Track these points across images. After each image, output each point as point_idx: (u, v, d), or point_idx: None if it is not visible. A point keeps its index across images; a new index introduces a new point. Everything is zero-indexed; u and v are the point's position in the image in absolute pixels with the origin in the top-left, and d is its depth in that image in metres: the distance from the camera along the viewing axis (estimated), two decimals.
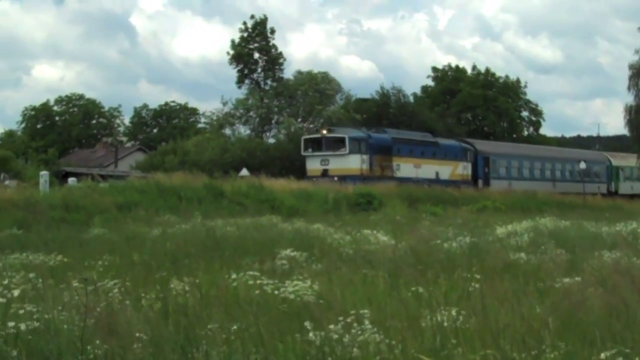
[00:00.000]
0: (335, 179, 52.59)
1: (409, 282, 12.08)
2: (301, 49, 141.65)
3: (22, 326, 8.01)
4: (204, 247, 17.99)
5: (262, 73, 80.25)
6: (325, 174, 55.59)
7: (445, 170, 63.75)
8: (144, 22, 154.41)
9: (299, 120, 78.10)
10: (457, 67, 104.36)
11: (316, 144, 58.60)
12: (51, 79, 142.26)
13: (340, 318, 8.62)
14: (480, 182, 66.01)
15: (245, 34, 79.45)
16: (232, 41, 79.70)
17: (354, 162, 56.73)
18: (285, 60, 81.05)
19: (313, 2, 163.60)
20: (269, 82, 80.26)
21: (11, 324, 7.99)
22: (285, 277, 12.05)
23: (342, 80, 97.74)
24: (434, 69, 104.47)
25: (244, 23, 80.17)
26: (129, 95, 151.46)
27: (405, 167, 60.38)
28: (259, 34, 79.44)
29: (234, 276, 11.85)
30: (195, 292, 10.80)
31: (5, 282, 10.15)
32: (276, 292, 10.68)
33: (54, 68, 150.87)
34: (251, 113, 77.20)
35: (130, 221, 29.32)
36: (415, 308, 10.10)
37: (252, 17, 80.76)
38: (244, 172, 48.87)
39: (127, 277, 11.86)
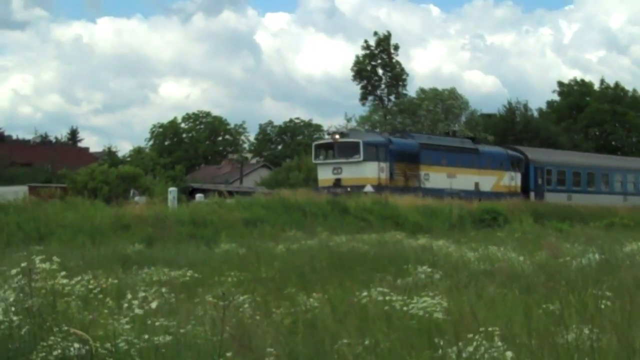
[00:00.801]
0: (349, 189, 47.67)
1: (539, 299, 11.91)
2: (424, 65, 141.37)
3: (157, 339, 8.17)
4: (331, 263, 18.06)
5: (386, 89, 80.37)
6: (337, 184, 49.75)
7: (488, 180, 57.60)
8: (268, 40, 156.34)
9: None
10: (583, 81, 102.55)
11: (328, 151, 52.70)
12: (177, 96, 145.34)
13: (470, 335, 8.55)
14: (532, 194, 59.81)
15: (369, 51, 79.73)
16: (357, 57, 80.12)
17: (370, 171, 50.31)
18: (407, 75, 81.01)
19: (436, 17, 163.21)
20: (392, 98, 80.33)
21: (145, 336, 8.14)
22: (413, 293, 12.00)
23: (466, 95, 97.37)
24: (560, 84, 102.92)
25: (366, 41, 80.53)
26: (253, 112, 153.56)
27: (436, 177, 54.26)
28: (382, 51, 79.61)
29: (363, 292, 11.87)
30: (325, 308, 10.85)
31: (140, 295, 10.38)
32: (405, 308, 10.65)
33: (180, 86, 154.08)
34: (375, 129, 77.62)
35: (256, 237, 29.66)
36: (547, 325, 9.94)
37: (376, 33, 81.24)
38: (369, 188, 48.92)
39: (257, 293, 11.99)
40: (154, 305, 8.20)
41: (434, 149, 54.90)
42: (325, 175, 51.42)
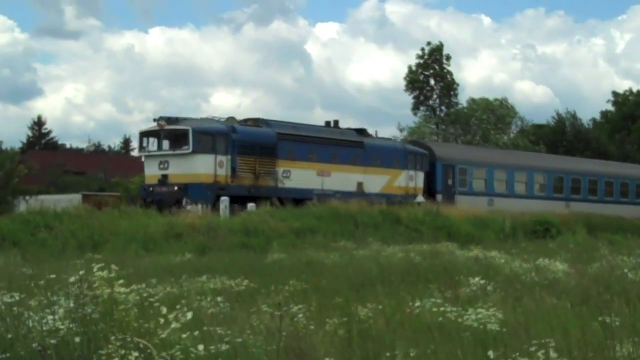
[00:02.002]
0: (176, 188, 40.15)
1: (594, 312, 11.81)
2: (475, 75, 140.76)
3: (212, 348, 8.21)
4: (383, 274, 18.05)
5: (438, 99, 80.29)
6: (164, 181, 40.80)
7: (376, 180, 48.30)
8: (319, 50, 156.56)
9: None
10: (638, 91, 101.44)
11: (155, 140, 42.64)
12: (229, 105, 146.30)
13: (525, 346, 8.51)
14: (439, 197, 51.38)
15: (422, 61, 79.72)
16: (409, 67, 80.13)
17: (203, 166, 41.07)
18: (458, 85, 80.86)
19: (487, 27, 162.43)
20: (443, 108, 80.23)
21: (200, 347, 8.17)
22: (467, 304, 11.97)
23: (517, 105, 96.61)
24: (615, 94, 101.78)
25: (422, 49, 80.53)
26: (304, 121, 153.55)
27: (300, 175, 44.72)
28: (435, 61, 79.55)
29: (417, 303, 11.86)
30: (379, 318, 10.85)
31: (196, 304, 10.47)
32: (459, 319, 10.63)
33: (231, 95, 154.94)
34: (426, 139, 77.62)
35: (307, 246, 29.73)
36: (602, 338, 9.86)
37: (429, 43, 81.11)
38: (420, 198, 48.86)
39: (311, 302, 12.01)
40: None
41: (299, 141, 45.21)
42: (151, 170, 42.17)
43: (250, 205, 39.88)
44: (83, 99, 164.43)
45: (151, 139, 42.53)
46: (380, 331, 10.11)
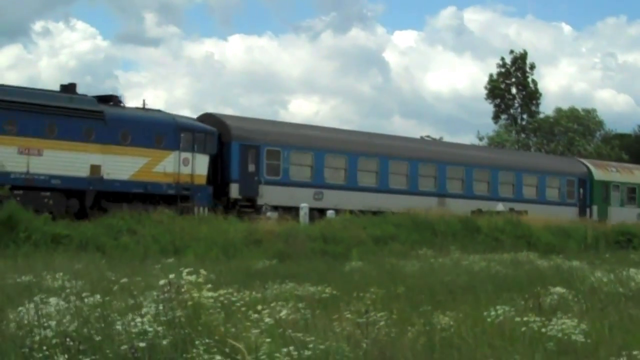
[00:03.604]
0: None
1: None
2: (554, 83, 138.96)
3: (295, 354, 8.27)
4: (463, 282, 17.99)
5: (519, 108, 79.71)
6: None
7: (124, 163, 36.59)
8: (397, 58, 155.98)
9: None
10: None
11: None
12: (307, 113, 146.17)
13: (612, 358, 8.43)
14: (234, 187, 40.41)
15: (504, 69, 79.24)
16: (491, 76, 79.68)
17: None
18: (541, 95, 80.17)
19: (567, 36, 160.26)
20: (524, 117, 79.60)
21: (284, 350, 8.24)
22: (551, 314, 11.88)
23: (598, 114, 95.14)
24: None
25: (502, 58, 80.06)
26: (382, 129, 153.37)
27: None
28: (517, 69, 78.99)
29: (499, 312, 11.81)
30: (461, 327, 10.83)
31: (279, 310, 10.54)
32: (543, 329, 10.56)
33: (309, 102, 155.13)
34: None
35: (387, 254, 29.72)
36: None
37: (512, 52, 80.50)
38: (500, 207, 48.42)
39: (393, 310, 12.03)
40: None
41: None
42: None
43: (330, 212, 40.02)
44: (163, 105, 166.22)
45: None
46: (462, 340, 10.09)
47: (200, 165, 38.87)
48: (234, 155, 40.91)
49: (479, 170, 51.95)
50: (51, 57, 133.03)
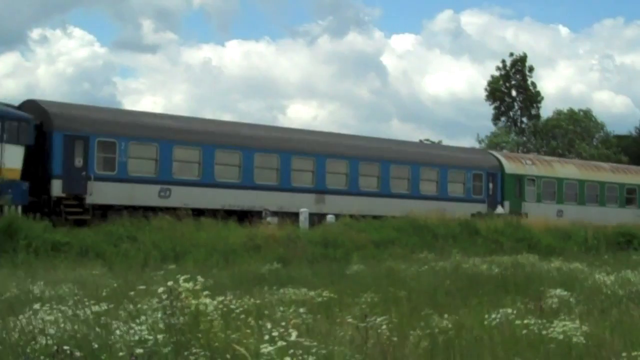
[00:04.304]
0: None
1: None
2: (552, 85, 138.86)
3: None
4: (464, 285, 17.98)
5: (519, 111, 79.87)
6: None
7: None
8: (395, 62, 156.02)
9: None
10: None
11: None
12: (305, 117, 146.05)
13: None
14: (56, 184, 34.99)
15: (504, 72, 79.43)
16: (491, 78, 79.91)
17: None
18: (543, 98, 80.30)
19: (564, 38, 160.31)
20: (524, 119, 79.74)
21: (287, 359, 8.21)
22: (551, 317, 11.86)
23: (596, 116, 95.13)
24: None
25: (503, 61, 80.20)
26: (381, 133, 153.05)
27: None
28: (517, 72, 79.15)
29: (498, 315, 11.80)
30: (461, 330, 10.82)
31: (279, 315, 10.54)
32: (543, 332, 10.54)
33: (307, 107, 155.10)
34: (505, 151, 77.25)
35: (387, 258, 29.73)
36: None
37: (511, 54, 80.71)
38: (499, 209, 48.51)
39: (393, 314, 12.02)
40: (293, 335, 8.24)
41: None
42: None
43: (330, 217, 40.03)
44: (161, 111, 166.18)
45: None
46: (463, 343, 10.08)
47: (11, 157, 33.52)
48: (56, 147, 35.35)
49: (365, 164, 46.09)
50: (49, 65, 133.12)
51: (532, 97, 79.13)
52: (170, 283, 8.48)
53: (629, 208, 58.87)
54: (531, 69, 79.81)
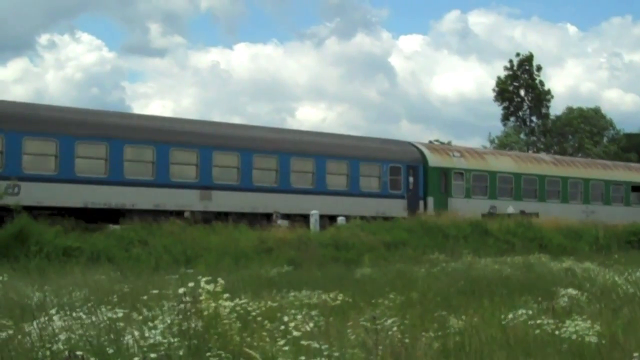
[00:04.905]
0: None
1: None
2: (561, 84, 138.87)
3: None
4: (476, 286, 17.99)
5: (528, 110, 79.85)
6: None
7: None
8: (402, 62, 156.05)
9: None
10: None
11: None
12: (314, 119, 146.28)
13: None
14: None
15: (511, 72, 79.45)
16: (498, 78, 79.88)
17: None
18: (553, 97, 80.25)
19: (572, 37, 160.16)
20: (534, 119, 79.72)
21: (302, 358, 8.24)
22: (564, 317, 11.88)
23: (605, 114, 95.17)
24: None
25: (510, 61, 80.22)
26: (390, 134, 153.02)
27: None
28: (524, 71, 79.15)
29: (510, 315, 11.82)
30: (474, 331, 10.83)
31: (292, 318, 10.56)
32: (556, 332, 10.55)
33: (316, 109, 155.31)
34: (515, 150, 77.20)
35: (398, 259, 29.74)
36: None
37: (518, 54, 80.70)
38: (510, 209, 48.26)
39: (405, 316, 12.04)
40: (308, 327, 8.29)
41: None
42: None
43: (340, 219, 40.04)
44: (170, 115, 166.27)
45: None
46: (476, 344, 10.10)
47: None
48: None
49: (259, 157, 41.80)
50: (57, 70, 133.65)
51: (541, 96, 79.11)
52: (190, 284, 8.50)
53: (573, 204, 54.80)
54: (539, 68, 79.85)
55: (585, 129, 78.69)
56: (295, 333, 8.37)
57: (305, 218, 38.98)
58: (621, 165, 63.76)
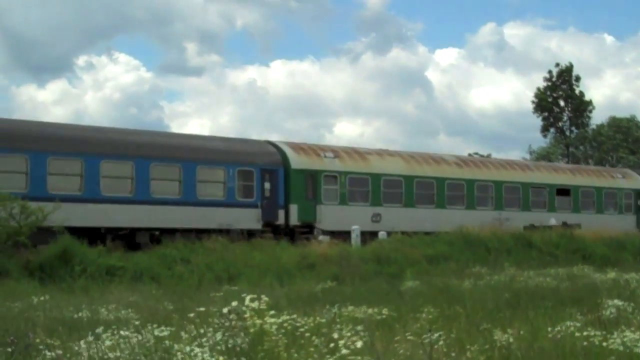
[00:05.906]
0: None
1: None
2: (599, 94, 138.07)
3: None
4: (520, 299, 17.90)
5: (568, 121, 79.49)
6: None
7: None
8: (439, 76, 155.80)
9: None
10: None
11: None
12: (352, 135, 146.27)
13: None
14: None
15: (550, 83, 79.18)
16: (538, 89, 79.60)
17: None
18: (594, 108, 79.82)
19: (610, 46, 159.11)
20: (573, 129, 79.33)
21: None
22: (611, 328, 11.78)
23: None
24: None
25: (550, 71, 79.95)
26: (428, 148, 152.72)
27: None
28: (563, 82, 78.81)
29: (557, 328, 11.75)
30: (520, 344, 10.77)
31: (335, 335, 10.56)
32: (604, 343, 10.48)
33: (353, 125, 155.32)
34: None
35: (441, 273, 29.65)
36: None
37: (557, 65, 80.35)
38: (552, 221, 47.94)
39: (451, 329, 12.00)
40: (359, 344, 8.29)
41: None
42: None
43: (382, 234, 40.00)
44: (208, 134, 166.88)
45: None
46: (523, 357, 10.05)
47: None
48: None
49: (56, 160, 34.57)
50: (96, 91, 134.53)
51: (581, 106, 78.78)
52: (234, 303, 8.54)
53: (481, 209, 48.27)
54: (578, 79, 79.51)
55: (619, 138, 78.24)
56: (344, 351, 8.33)
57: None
58: (545, 166, 58.32)
